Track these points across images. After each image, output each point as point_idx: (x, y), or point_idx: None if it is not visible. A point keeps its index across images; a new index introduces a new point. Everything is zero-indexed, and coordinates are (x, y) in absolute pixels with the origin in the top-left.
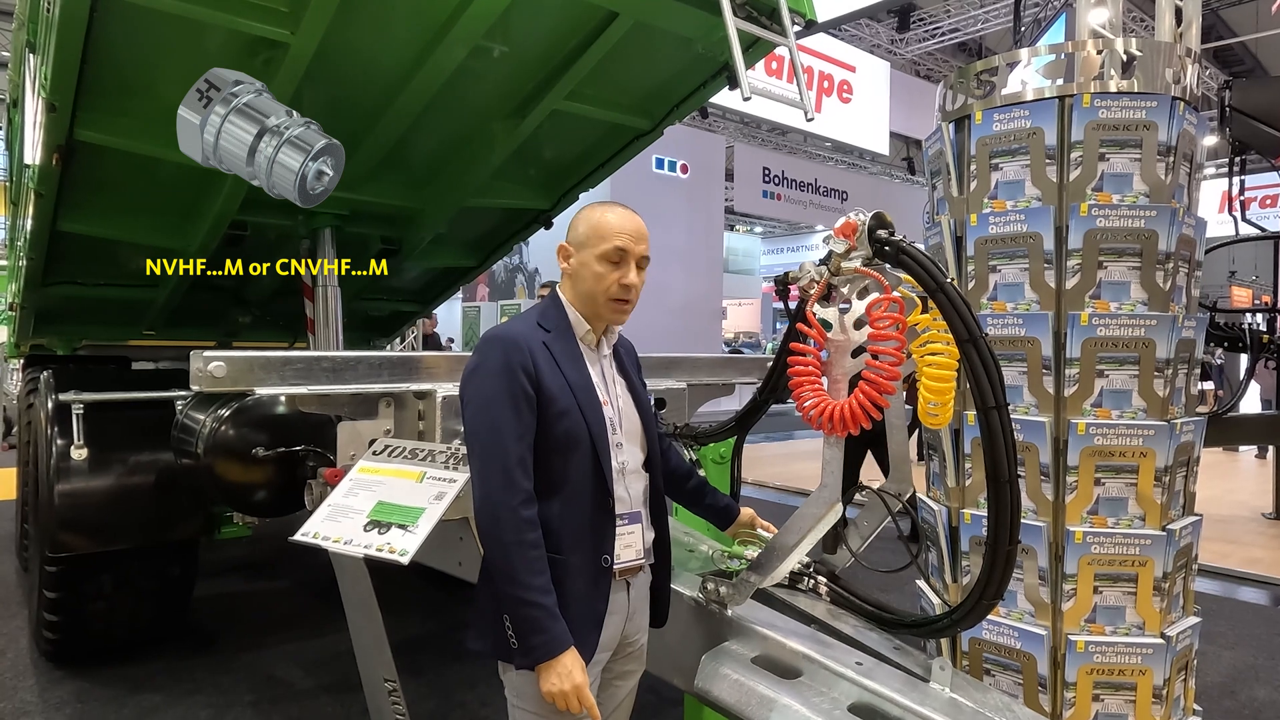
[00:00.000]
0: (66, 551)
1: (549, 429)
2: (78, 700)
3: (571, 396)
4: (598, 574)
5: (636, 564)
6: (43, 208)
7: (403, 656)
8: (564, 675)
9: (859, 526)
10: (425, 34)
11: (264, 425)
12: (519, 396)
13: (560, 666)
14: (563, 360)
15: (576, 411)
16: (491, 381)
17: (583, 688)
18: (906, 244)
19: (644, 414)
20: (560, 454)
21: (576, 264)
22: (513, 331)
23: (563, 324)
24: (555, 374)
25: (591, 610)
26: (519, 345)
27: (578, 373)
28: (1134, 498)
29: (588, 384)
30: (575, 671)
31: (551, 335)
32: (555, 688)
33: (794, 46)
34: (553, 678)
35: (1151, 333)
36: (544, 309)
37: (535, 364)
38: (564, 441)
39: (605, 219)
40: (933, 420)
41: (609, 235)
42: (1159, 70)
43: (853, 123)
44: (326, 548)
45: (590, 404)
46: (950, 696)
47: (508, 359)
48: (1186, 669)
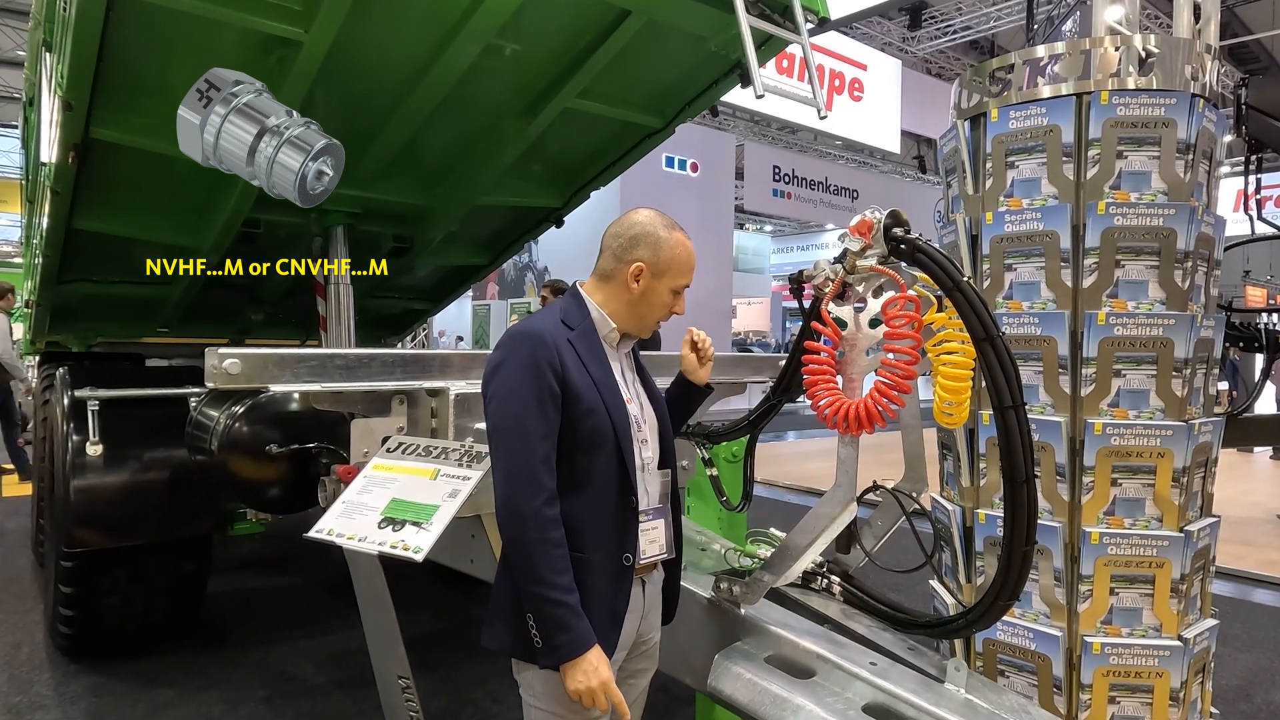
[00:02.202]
0: (82, 546)
1: (575, 427)
2: (92, 694)
3: (597, 394)
4: (619, 572)
5: (658, 559)
6: (58, 205)
7: (416, 653)
8: (590, 672)
9: (873, 526)
10: (438, 32)
11: (278, 422)
12: (545, 394)
13: (586, 664)
14: (588, 358)
15: (602, 409)
16: (517, 377)
17: (609, 684)
18: (923, 242)
19: (660, 410)
20: (585, 452)
21: (647, 287)
22: (539, 328)
23: (586, 323)
24: (581, 372)
25: (612, 609)
26: (546, 342)
27: (603, 371)
28: (1151, 498)
29: (612, 382)
30: (600, 668)
31: (576, 333)
32: (581, 685)
33: (807, 44)
34: (578, 675)
35: (1170, 332)
36: (566, 307)
37: (562, 361)
38: (589, 440)
39: (686, 255)
40: (948, 420)
41: (686, 272)
42: (1178, 67)
43: (864, 121)
44: (341, 545)
45: (615, 402)
46: (965, 698)
47: (534, 355)
48: (1204, 671)
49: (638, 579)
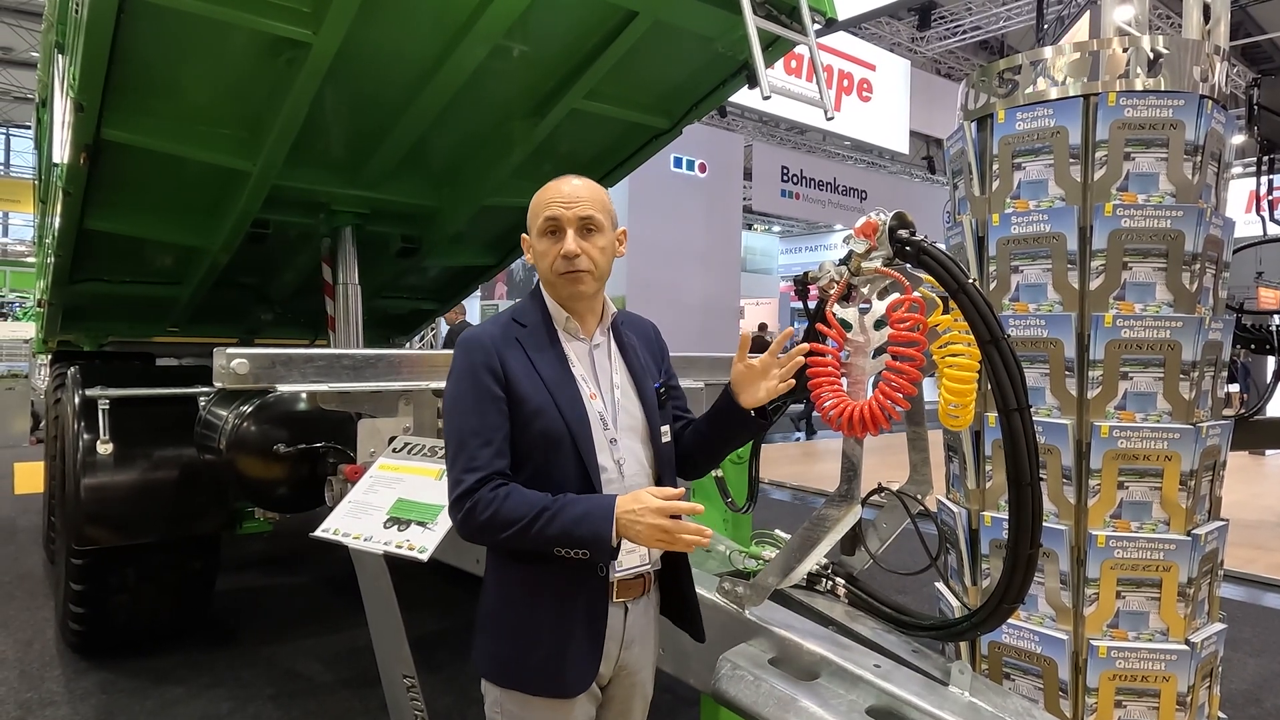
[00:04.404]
0: (92, 544)
1: (525, 430)
2: (102, 691)
3: (546, 394)
4: (593, 586)
5: (640, 571)
6: (70, 206)
7: (421, 652)
8: (635, 515)
9: (878, 528)
10: (446, 33)
11: (285, 422)
12: (485, 398)
13: (625, 519)
14: (537, 356)
15: (552, 409)
16: (453, 387)
17: (662, 507)
18: (928, 244)
19: (647, 405)
20: (541, 454)
21: (533, 253)
22: (478, 332)
23: (540, 317)
24: (529, 372)
25: (588, 629)
26: (483, 345)
27: (554, 367)
28: (1158, 502)
29: (566, 378)
30: (632, 504)
31: (527, 330)
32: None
33: (814, 45)
34: (633, 532)
35: (1177, 334)
36: (522, 306)
37: (503, 363)
38: (542, 442)
39: (536, 197)
40: (954, 422)
41: (539, 209)
42: (1186, 68)
43: (872, 121)
44: (347, 544)
45: (570, 400)
46: (970, 700)
47: (470, 361)
48: (1211, 676)
49: (619, 603)
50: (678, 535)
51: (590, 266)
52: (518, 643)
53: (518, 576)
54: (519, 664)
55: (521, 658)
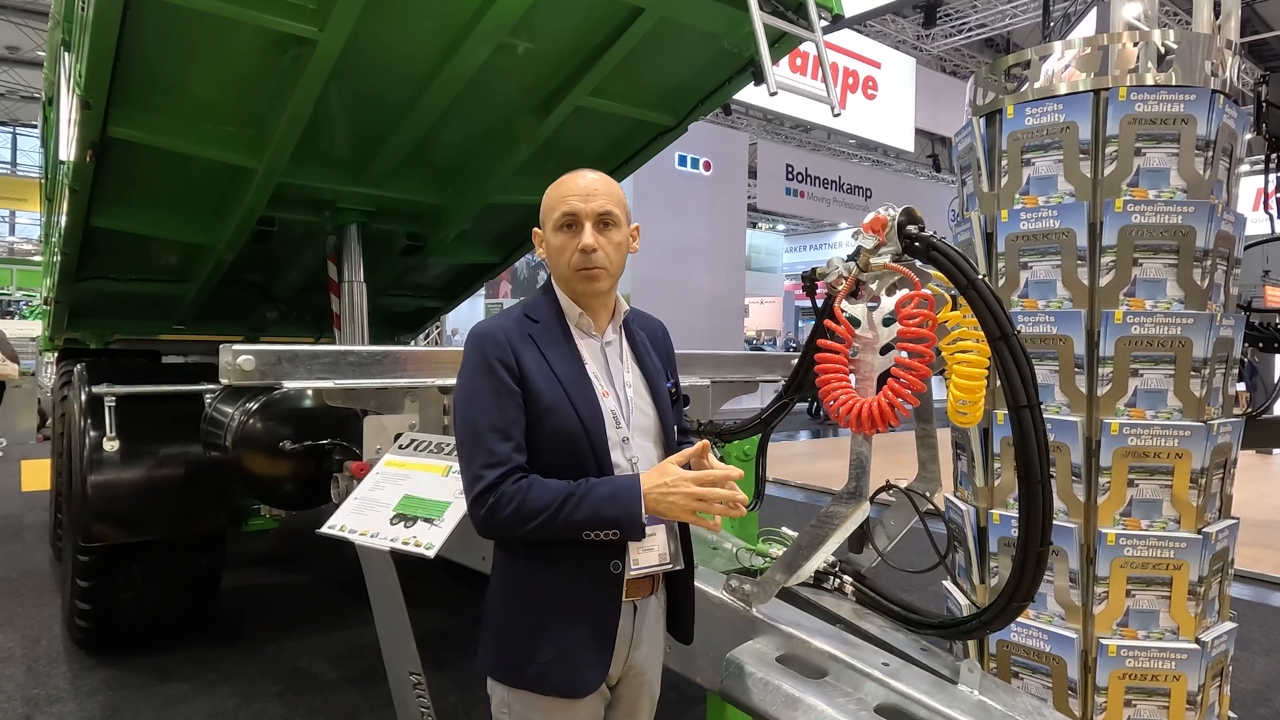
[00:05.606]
0: (98, 541)
1: (538, 426)
2: (108, 688)
3: (560, 390)
4: (606, 581)
5: (654, 570)
6: (76, 203)
7: (427, 649)
8: (667, 487)
9: (886, 526)
10: (451, 30)
11: (291, 419)
12: (501, 393)
13: (655, 493)
14: (551, 352)
15: (566, 405)
16: (467, 381)
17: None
18: (937, 239)
19: (660, 405)
20: (554, 452)
21: (546, 247)
22: (491, 326)
23: (553, 313)
24: (542, 367)
25: (600, 628)
26: (496, 339)
27: (568, 364)
28: (1169, 500)
29: (580, 375)
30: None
31: (540, 326)
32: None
33: (821, 41)
34: (660, 498)
35: (1188, 331)
36: (534, 300)
37: (517, 358)
38: (554, 439)
39: (552, 190)
40: (963, 419)
41: (555, 203)
42: (1197, 63)
43: (878, 119)
44: (353, 540)
45: (584, 397)
46: (979, 699)
47: (485, 355)
48: (1221, 675)
49: (628, 602)
50: (713, 503)
51: (606, 263)
52: (527, 642)
53: (526, 574)
54: (528, 663)
55: (530, 657)
